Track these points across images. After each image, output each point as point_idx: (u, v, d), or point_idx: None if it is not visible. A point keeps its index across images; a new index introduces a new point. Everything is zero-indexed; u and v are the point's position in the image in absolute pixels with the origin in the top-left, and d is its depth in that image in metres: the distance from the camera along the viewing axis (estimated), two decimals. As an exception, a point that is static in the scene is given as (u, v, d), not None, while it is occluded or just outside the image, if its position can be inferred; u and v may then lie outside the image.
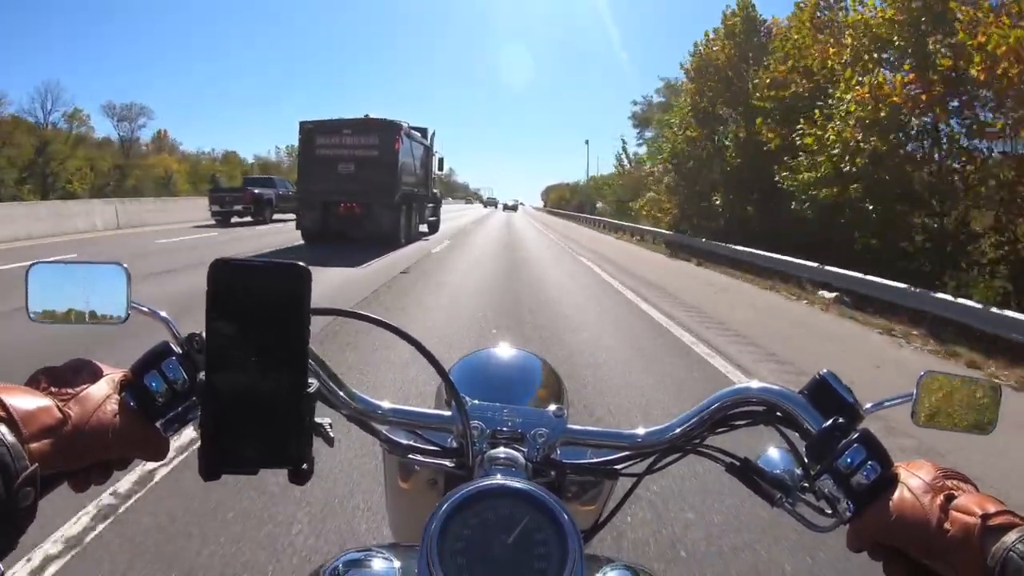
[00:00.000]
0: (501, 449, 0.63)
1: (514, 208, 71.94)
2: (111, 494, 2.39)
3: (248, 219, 20.25)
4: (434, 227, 19.95)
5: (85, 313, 0.59)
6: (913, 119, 9.17)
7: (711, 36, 16.32)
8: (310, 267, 0.49)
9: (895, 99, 8.64)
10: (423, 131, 17.78)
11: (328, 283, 8.24)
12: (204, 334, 0.51)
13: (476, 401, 0.67)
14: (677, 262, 14.47)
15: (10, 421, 0.44)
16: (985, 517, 0.47)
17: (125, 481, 2.49)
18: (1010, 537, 0.45)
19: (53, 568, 1.96)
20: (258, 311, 0.48)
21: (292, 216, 16.87)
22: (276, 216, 21.35)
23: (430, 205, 19.34)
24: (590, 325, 6.48)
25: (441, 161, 20.59)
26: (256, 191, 20.63)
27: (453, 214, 39.36)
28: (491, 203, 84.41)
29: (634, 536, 2.33)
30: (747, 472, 0.62)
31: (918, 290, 7.65)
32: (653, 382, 4.51)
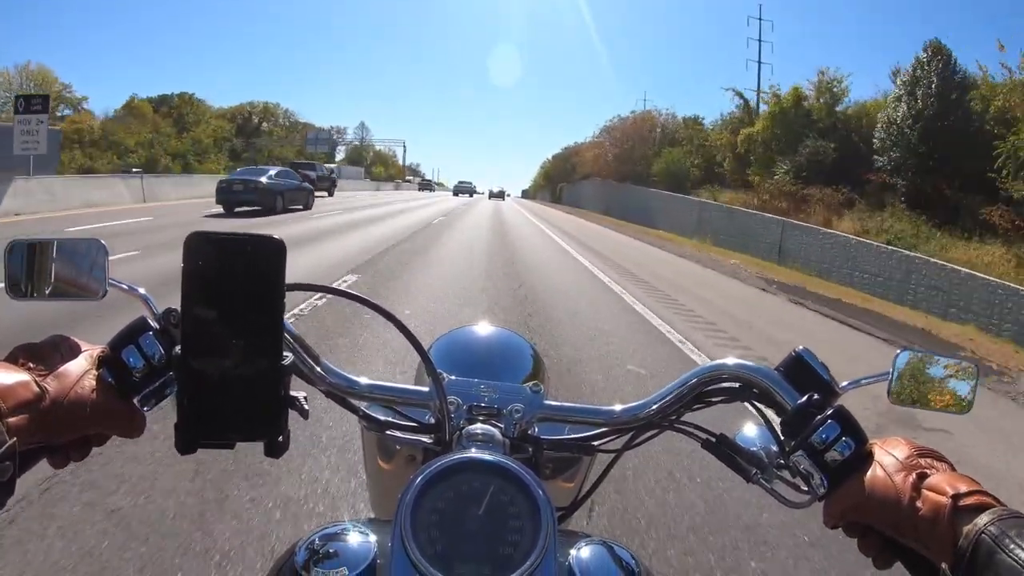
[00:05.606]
0: (478, 425, 0.63)
1: (500, 196, 56.13)
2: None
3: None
4: None
5: (63, 289, 0.60)
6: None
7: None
8: None
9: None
10: None
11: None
12: (180, 309, 0.51)
13: (454, 377, 0.67)
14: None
15: None
16: (956, 497, 0.47)
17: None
18: (982, 519, 0.45)
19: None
20: (233, 284, 0.48)
21: (324, 193, 25.30)
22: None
23: None
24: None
25: None
26: (307, 173, 24.96)
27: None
28: (464, 190, 58.79)
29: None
30: (723, 448, 0.63)
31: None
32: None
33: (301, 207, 18.02)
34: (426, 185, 71.58)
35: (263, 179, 16.31)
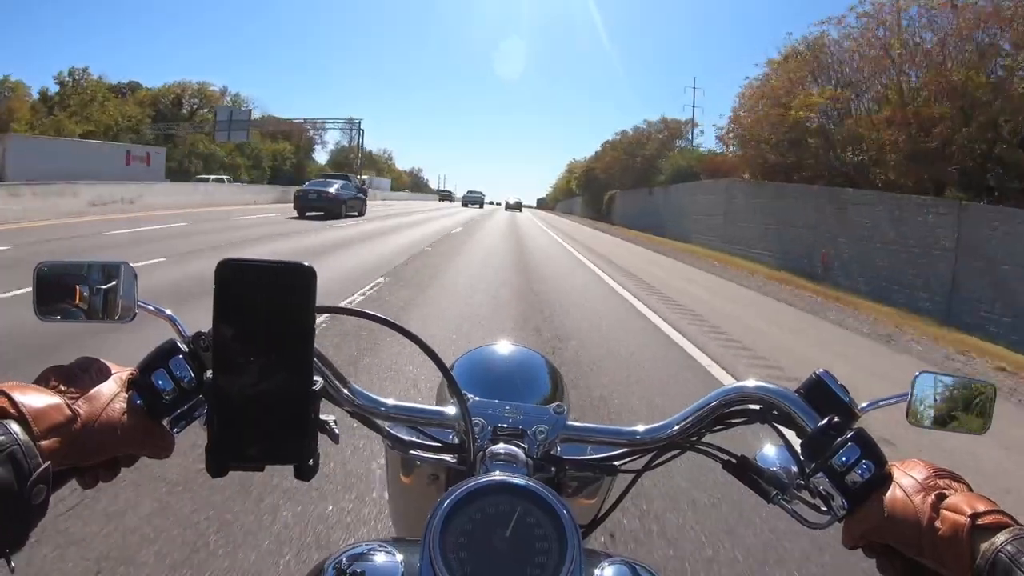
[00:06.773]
0: (502, 445, 0.64)
1: (517, 207, 52.90)
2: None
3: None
4: None
5: (92, 311, 0.60)
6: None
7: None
8: None
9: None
10: None
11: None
12: (211, 332, 0.52)
13: (477, 398, 0.68)
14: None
15: (22, 419, 0.45)
16: (974, 517, 0.48)
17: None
18: (1000, 538, 0.46)
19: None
20: (264, 310, 0.49)
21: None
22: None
23: None
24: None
25: None
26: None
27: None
28: (473, 200, 54.00)
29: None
30: (744, 469, 0.63)
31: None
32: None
33: (356, 214, 21.49)
34: (446, 196, 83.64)
35: (332, 190, 20.21)
